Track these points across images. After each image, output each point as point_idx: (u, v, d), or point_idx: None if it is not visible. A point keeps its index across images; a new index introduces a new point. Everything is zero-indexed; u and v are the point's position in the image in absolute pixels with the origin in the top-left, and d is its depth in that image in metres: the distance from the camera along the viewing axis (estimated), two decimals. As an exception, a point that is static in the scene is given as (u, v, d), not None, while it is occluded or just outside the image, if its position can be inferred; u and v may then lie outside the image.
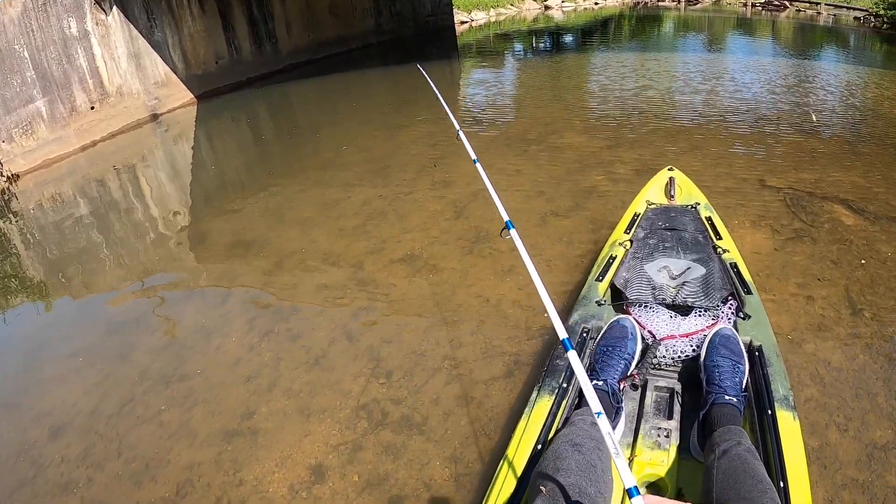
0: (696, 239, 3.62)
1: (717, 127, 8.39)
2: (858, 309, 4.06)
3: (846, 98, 10.85)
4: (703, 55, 16.18)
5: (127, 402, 3.75)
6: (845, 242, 4.91)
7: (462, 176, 6.84)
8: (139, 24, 12.15)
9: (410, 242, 5.46)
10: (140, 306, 4.98)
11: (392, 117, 10.20)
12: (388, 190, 6.76)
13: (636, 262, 3.44)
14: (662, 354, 2.81)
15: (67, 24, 10.55)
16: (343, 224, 6.07)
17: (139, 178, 9.01)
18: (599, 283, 3.31)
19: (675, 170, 4.60)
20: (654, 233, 3.75)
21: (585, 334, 2.90)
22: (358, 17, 20.20)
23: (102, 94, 11.23)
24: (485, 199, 6.00)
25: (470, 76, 15.63)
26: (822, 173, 6.42)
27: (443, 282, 4.78)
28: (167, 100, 12.90)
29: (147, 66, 12.39)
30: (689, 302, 3.02)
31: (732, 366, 2.52)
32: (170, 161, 10.05)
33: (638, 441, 2.43)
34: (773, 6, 38.96)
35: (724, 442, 2.12)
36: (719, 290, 3.10)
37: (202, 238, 6.34)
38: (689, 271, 3.26)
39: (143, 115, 12.18)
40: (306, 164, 8.34)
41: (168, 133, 11.67)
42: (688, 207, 4.09)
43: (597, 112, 9.70)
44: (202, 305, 4.91)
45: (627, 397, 2.64)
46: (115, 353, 4.32)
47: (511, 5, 33.78)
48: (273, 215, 6.53)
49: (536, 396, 2.55)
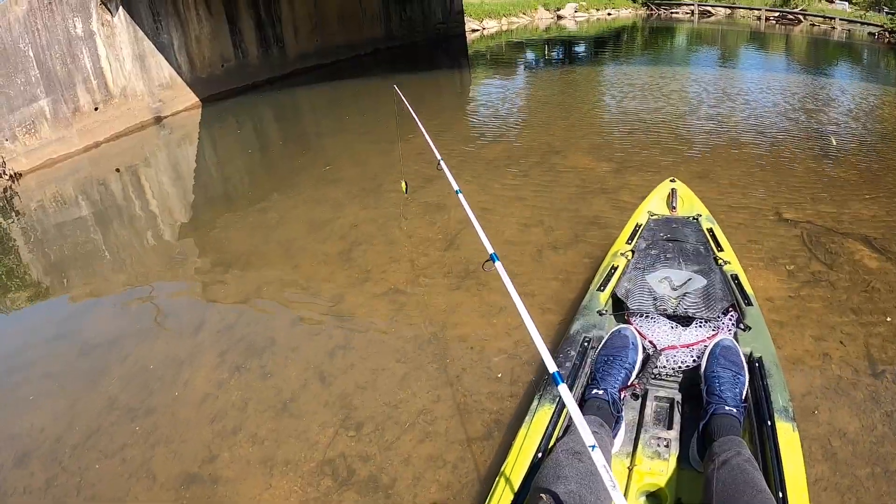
0: (698, 250, 3.65)
1: (731, 151, 7.94)
2: (880, 371, 3.65)
3: (865, 120, 10.42)
4: (717, 71, 15.69)
5: (92, 434, 3.61)
6: (867, 289, 4.50)
7: (457, 198, 6.47)
8: (145, 26, 12.02)
9: (395, 274, 5.09)
10: (115, 328, 4.80)
11: (392, 130, 9.84)
12: (378, 212, 6.39)
13: (638, 272, 3.45)
14: (663, 365, 2.83)
15: (73, 24, 10.43)
16: (329, 248, 5.74)
17: (139, 182, 8.86)
18: (601, 293, 3.33)
19: (676, 181, 4.60)
20: (655, 244, 3.76)
21: (587, 343, 2.91)
22: (367, 23, 19.94)
23: (106, 95, 11.11)
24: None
25: (478, 86, 15.30)
26: (842, 205, 6.01)
27: (426, 321, 4.42)
28: (171, 102, 12.75)
29: (152, 68, 12.26)
30: (690, 313, 3.03)
31: (733, 376, 2.54)
32: (171, 165, 9.88)
33: (638, 450, 2.44)
34: (787, 20, 38.59)
35: (723, 452, 2.14)
36: (720, 302, 3.11)
37: (186, 256, 6.11)
38: (690, 282, 3.28)
39: (147, 117, 12.04)
40: (301, 177, 8.00)
41: (171, 136, 11.51)
42: (689, 219, 4.12)
43: (604, 131, 9.30)
44: (176, 332, 4.66)
45: (628, 407, 2.66)
46: (87, 378, 4.19)
47: (523, 14, 33.48)
48: (260, 234, 6.24)
49: (537, 405, 2.55)
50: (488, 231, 3.05)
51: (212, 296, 5.16)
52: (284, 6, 16.43)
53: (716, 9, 43.54)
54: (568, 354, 2.83)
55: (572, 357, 2.81)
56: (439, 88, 14.76)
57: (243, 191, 8.06)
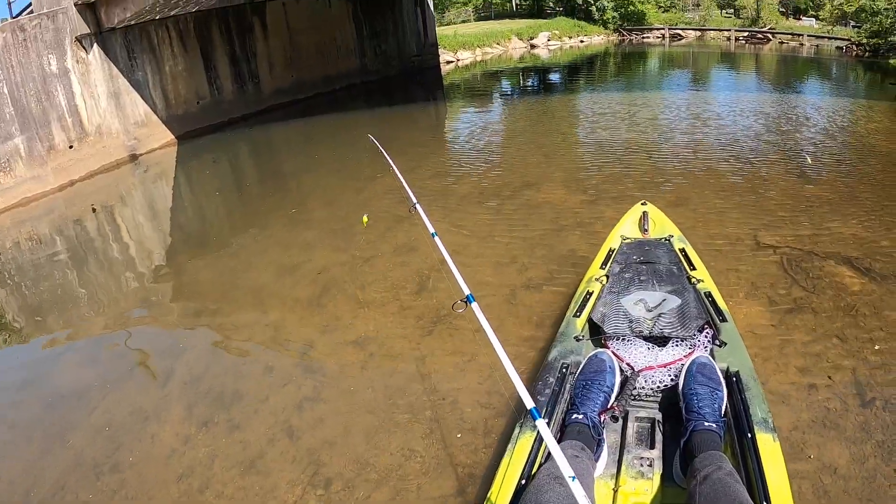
0: (671, 271, 3.68)
1: (706, 177, 7.85)
2: (869, 399, 3.51)
3: (838, 134, 10.45)
4: (689, 95, 15.73)
5: (58, 490, 3.49)
6: (851, 312, 4.37)
7: (429, 238, 6.30)
8: (120, 63, 12.00)
9: (365, 321, 4.91)
10: (84, 377, 4.67)
11: (365, 166, 9.72)
12: (348, 254, 6.21)
13: (613, 296, 3.47)
14: (642, 385, 2.85)
15: (48, 61, 10.38)
16: (298, 293, 5.57)
17: (115, 222, 8.78)
18: (577, 319, 3.33)
19: (648, 204, 4.65)
20: (629, 267, 3.80)
21: (565, 370, 2.91)
22: (342, 57, 19.97)
23: (81, 133, 11.03)
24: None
25: (453, 119, 15.31)
26: (820, 226, 5.91)
27: (397, 371, 4.23)
28: (147, 140, 12.67)
29: (127, 106, 12.20)
30: (665, 333, 3.06)
31: (710, 392, 2.56)
32: (147, 204, 9.76)
33: (622, 471, 2.46)
34: (756, 39, 39.21)
35: (704, 468, 2.15)
36: (695, 320, 3.14)
37: (157, 302, 5.97)
38: (664, 303, 3.31)
39: (123, 155, 11.96)
40: (272, 218, 7.82)
41: (147, 174, 11.39)
42: (662, 240, 4.15)
43: (578, 162, 9.19)
44: (143, 383, 4.51)
45: (609, 429, 2.67)
46: (55, 430, 4.05)
47: (497, 44, 33.77)
48: (230, 279, 6.09)
49: (519, 433, 2.54)
50: (461, 272, 3.00)
51: (181, 343, 5.00)
52: (259, 41, 16.44)
53: (686, 32, 44.23)
54: (547, 381, 2.82)
55: (551, 384, 2.80)
56: (414, 122, 14.70)
57: (216, 232, 7.88)
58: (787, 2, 51.09)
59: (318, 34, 18.70)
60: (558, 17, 42.84)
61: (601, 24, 43.14)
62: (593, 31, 41.71)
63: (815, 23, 45.07)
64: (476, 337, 4.33)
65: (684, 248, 4.00)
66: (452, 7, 46.07)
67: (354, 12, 20.52)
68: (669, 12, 49.88)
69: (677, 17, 48.79)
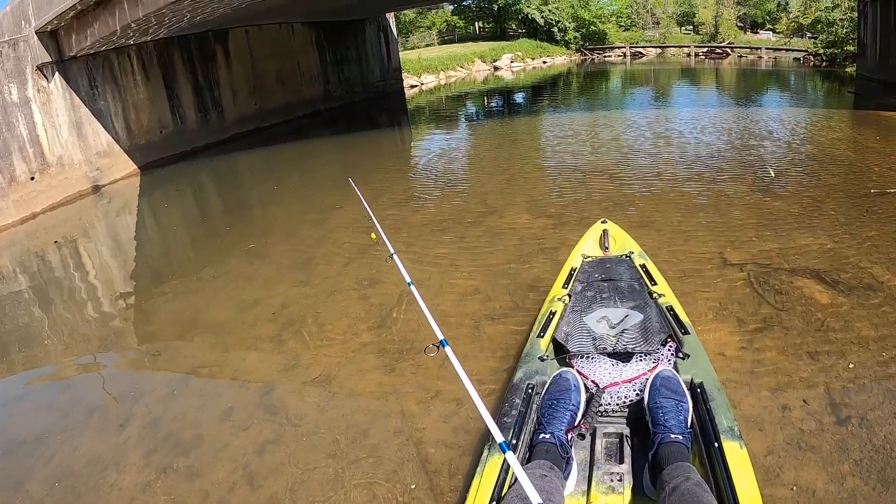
0: (633, 287, 3.72)
1: (670, 196, 7.80)
2: (844, 417, 3.42)
3: (801, 146, 10.55)
4: (651, 113, 15.83)
5: None
6: (822, 327, 4.29)
7: (390, 270, 6.12)
8: (81, 92, 11.77)
9: (327, 358, 4.73)
10: (42, 421, 4.48)
11: (326, 196, 9.56)
12: (309, 289, 6.03)
13: (576, 315, 3.49)
14: (607, 402, 2.86)
15: (8, 90, 10.14)
16: (259, 331, 5.37)
17: (78, 255, 8.54)
18: (541, 340, 3.34)
19: (608, 222, 4.70)
20: (591, 285, 3.83)
21: (531, 390, 2.92)
22: (305, 84, 19.91)
23: (43, 164, 10.76)
24: (412, 301, 5.33)
25: (417, 144, 15.26)
26: (787, 239, 5.88)
27: (359, 410, 4.05)
28: (109, 171, 12.41)
29: (89, 136, 11.96)
30: (629, 349, 3.09)
31: (675, 405, 2.58)
32: (110, 237, 9.55)
33: (592, 487, 2.45)
34: (715, 54, 39.99)
35: (672, 479, 2.16)
36: (657, 334, 3.17)
37: (115, 342, 5.74)
38: (627, 319, 3.34)
39: (85, 186, 11.69)
40: (233, 252, 7.58)
41: (110, 206, 11.14)
42: (622, 257, 4.20)
43: (541, 185, 9.09)
44: (102, 427, 4.28)
45: (578, 447, 2.66)
46: (12, 479, 3.88)
47: (461, 67, 33.98)
48: (190, 317, 5.87)
49: (488, 455, 2.54)
50: (415, 312, 2.93)
51: (139, 386, 4.79)
52: (222, 69, 16.31)
53: (647, 49, 44.99)
54: (513, 403, 2.82)
55: (517, 405, 2.80)
56: (378, 148, 14.58)
57: (177, 268, 7.63)
58: (744, 16, 52.24)
59: (281, 61, 18.69)
60: (521, 39, 43.34)
61: (563, 45, 43.74)
62: (555, 52, 42.23)
63: (772, 36, 46.13)
64: (440, 373, 4.18)
65: (645, 264, 4.05)
66: (417, 31, 46.38)
67: (318, 39, 20.54)
68: (630, 31, 50.79)
69: (638, 35, 49.68)
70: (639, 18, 52.67)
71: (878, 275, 5.07)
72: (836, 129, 12.45)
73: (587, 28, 45.72)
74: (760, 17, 53.37)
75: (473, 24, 49.26)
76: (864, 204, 6.86)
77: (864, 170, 8.50)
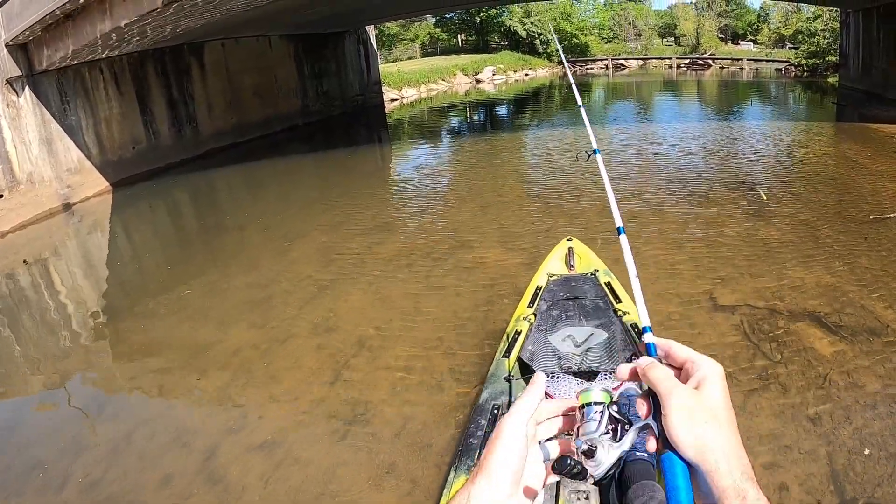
0: (597, 305, 3.70)
1: (655, 226, 7.25)
2: (850, 498, 2.96)
3: (790, 163, 10.20)
4: (634, 131, 15.11)
5: None
6: (823, 384, 3.84)
7: (349, 312, 5.62)
8: (52, 107, 11.27)
9: (274, 420, 4.22)
10: None
11: (292, 222, 9.05)
12: (264, 332, 5.49)
13: (541, 334, 3.47)
14: None
15: None
16: (206, 384, 4.87)
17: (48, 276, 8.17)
18: (506, 360, 3.34)
19: (573, 240, 4.66)
20: (556, 304, 3.80)
21: (496, 410, 2.92)
22: (283, 98, 19.35)
23: (12, 182, 10.28)
24: (369, 350, 4.85)
25: (393, 164, 14.85)
26: (781, 274, 5.44)
27: (304, 486, 3.56)
28: (81, 188, 11.89)
29: (60, 152, 11.43)
30: (593, 367, 3.08)
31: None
32: (82, 257, 9.15)
33: None
34: (697, 66, 40.00)
35: (637, 498, 2.12)
36: (622, 352, 3.16)
37: (62, 381, 5.27)
38: (592, 337, 3.34)
39: (56, 204, 11.18)
40: (192, 286, 6.98)
41: (81, 225, 10.76)
42: (587, 275, 4.17)
43: (516, 213, 8.46)
44: (40, 489, 3.88)
45: None
46: None
47: (442, 80, 33.62)
48: (138, 364, 5.38)
49: (454, 477, 2.54)
50: (378, 357, 2.66)
51: (80, 442, 4.35)
52: (197, 83, 15.77)
53: (629, 61, 44.99)
54: (479, 424, 2.82)
55: (483, 426, 2.80)
56: (353, 167, 14.01)
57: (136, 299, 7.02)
58: (725, 28, 52.42)
59: (258, 75, 18.18)
60: (503, 52, 43.18)
61: (545, 57, 43.62)
62: (538, 65, 42.10)
63: (752, 47, 46.31)
64: (394, 444, 3.68)
65: (610, 282, 4.03)
66: (400, 44, 46.09)
67: (296, 52, 20.08)
68: (612, 43, 50.80)
69: (620, 47, 49.70)
70: (621, 30, 52.73)
71: (882, 315, 4.65)
72: (824, 144, 12.14)
73: (569, 40, 45.65)
74: (741, 29, 53.64)
75: (456, 37, 49.04)
76: (862, 230, 6.46)
77: (858, 189, 8.14)
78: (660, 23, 56.89)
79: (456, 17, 46.43)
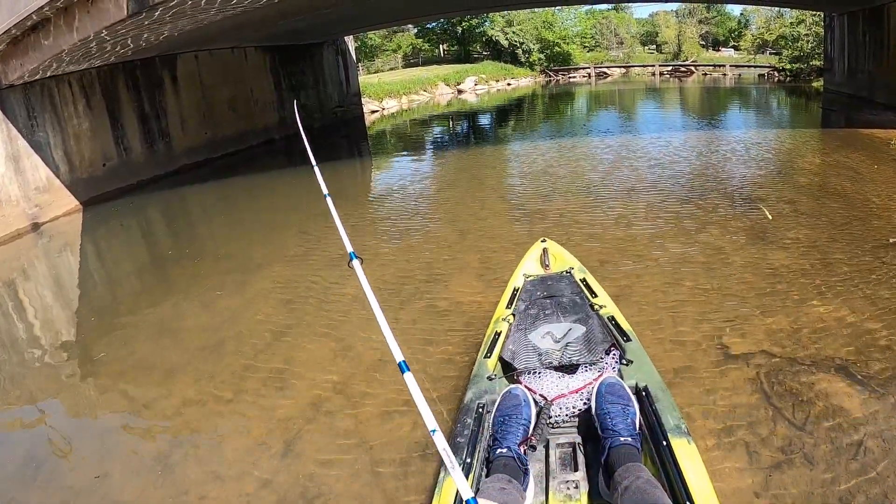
0: (574, 301, 3.75)
1: (650, 256, 6.45)
2: None
3: (789, 174, 9.73)
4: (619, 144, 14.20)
5: None
6: (857, 454, 3.24)
7: (308, 364, 4.91)
8: (19, 123, 10.87)
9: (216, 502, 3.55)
10: None
11: (256, 249, 8.36)
12: (210, 388, 4.79)
13: (520, 333, 3.50)
14: (557, 413, 2.90)
15: None
16: (144, 448, 4.21)
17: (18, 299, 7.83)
18: (488, 360, 3.37)
19: (547, 240, 4.76)
20: (534, 303, 3.84)
21: (482, 409, 2.94)
22: (259, 111, 18.83)
23: None
24: (327, 417, 4.21)
25: (371, 181, 14.30)
26: (798, 311, 4.84)
27: None
28: (50, 207, 11.49)
29: (27, 170, 11.05)
30: (574, 361, 3.11)
31: (622, 409, 2.63)
32: (52, 279, 8.63)
33: (550, 497, 2.48)
34: (680, 73, 39.86)
35: (624, 479, 2.21)
36: (601, 344, 3.20)
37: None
38: (570, 332, 3.37)
39: (24, 224, 10.83)
40: (139, 328, 6.25)
41: (50, 245, 10.35)
42: (563, 274, 4.25)
43: (496, 239, 7.64)
44: None
45: (533, 458, 2.68)
46: None
47: (423, 91, 33.17)
48: (71, 423, 4.74)
49: (445, 474, 2.52)
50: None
51: None
52: (170, 97, 15.25)
53: (611, 69, 44.83)
54: (465, 423, 2.83)
55: (469, 425, 2.81)
56: (328, 185, 13.33)
57: (85, 337, 6.38)
58: (706, 35, 52.42)
59: (234, 88, 17.68)
60: (485, 62, 42.95)
61: (528, 66, 43.42)
62: (520, 74, 41.86)
63: (734, 53, 46.30)
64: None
65: (585, 278, 4.15)
66: (382, 55, 45.66)
67: (273, 64, 19.56)
68: (594, 51, 50.70)
69: (602, 55, 49.62)
70: (603, 39, 52.64)
71: (913, 360, 4.07)
72: (818, 152, 11.67)
73: (551, 49, 45.39)
74: (723, 35, 53.70)
75: (438, 47, 48.64)
76: (878, 253, 5.89)
77: (866, 204, 7.59)
78: (641, 31, 56.93)
79: (437, 27, 46.15)
